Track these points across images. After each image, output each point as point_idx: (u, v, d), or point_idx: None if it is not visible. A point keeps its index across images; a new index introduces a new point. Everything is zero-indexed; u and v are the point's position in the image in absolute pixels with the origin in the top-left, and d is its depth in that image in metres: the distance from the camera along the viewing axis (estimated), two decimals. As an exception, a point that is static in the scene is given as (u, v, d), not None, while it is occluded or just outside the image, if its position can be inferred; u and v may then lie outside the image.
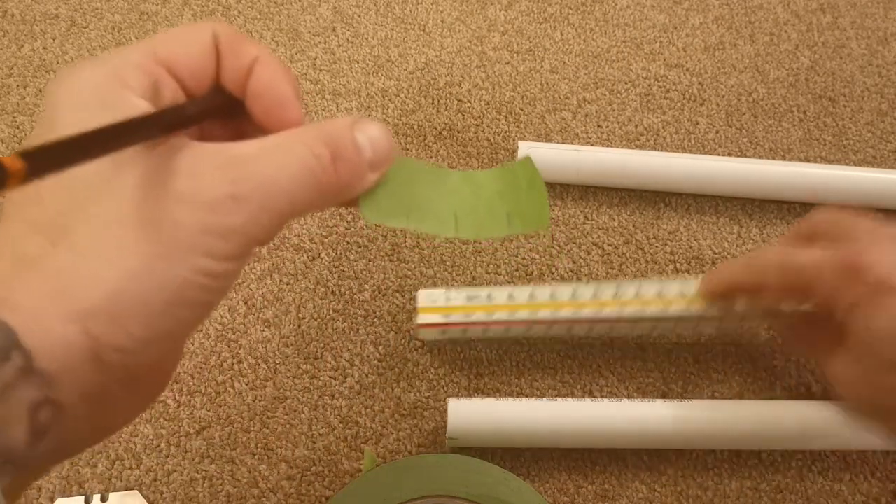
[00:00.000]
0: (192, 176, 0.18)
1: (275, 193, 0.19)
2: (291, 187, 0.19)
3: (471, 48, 0.53)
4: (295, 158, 0.19)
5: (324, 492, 0.37)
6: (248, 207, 0.19)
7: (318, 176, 0.20)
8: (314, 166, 0.19)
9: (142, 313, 0.18)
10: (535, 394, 0.40)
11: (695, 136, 0.50)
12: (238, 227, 0.19)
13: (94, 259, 0.18)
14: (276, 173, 0.19)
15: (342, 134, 0.20)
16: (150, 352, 0.19)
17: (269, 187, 0.19)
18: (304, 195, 0.20)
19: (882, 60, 0.54)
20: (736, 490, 0.38)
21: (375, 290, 0.43)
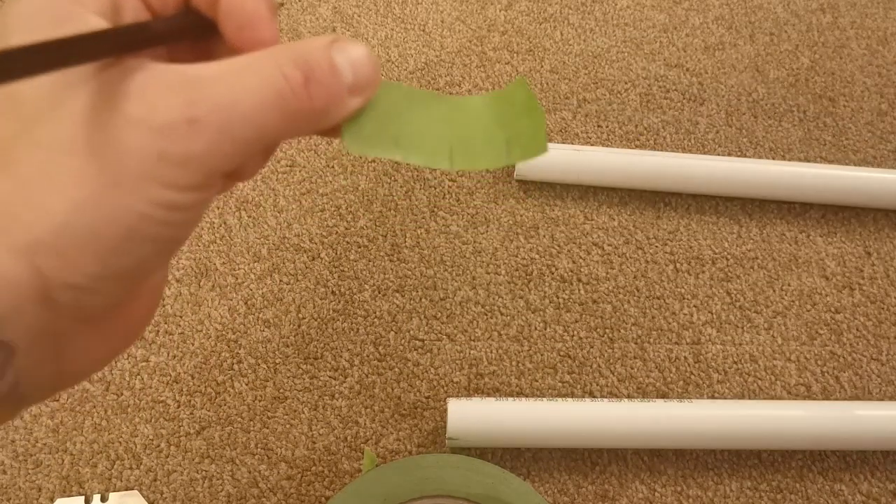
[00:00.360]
0: (145, 98, 0.17)
1: (237, 118, 0.17)
2: (256, 112, 0.17)
3: (471, 48, 0.53)
4: (261, 80, 0.17)
5: (324, 492, 0.37)
6: (207, 133, 0.17)
7: (287, 100, 0.17)
8: (283, 89, 0.17)
9: (93, 248, 0.17)
10: (535, 394, 0.40)
11: (695, 136, 0.50)
12: (196, 154, 0.17)
13: (39, 188, 0.16)
14: (239, 95, 0.17)
15: (318, 54, 0.18)
16: (107, 290, 0.17)
17: (231, 111, 0.17)
18: (272, 121, 0.17)
19: (882, 60, 0.54)
20: (736, 490, 0.38)
21: (375, 290, 0.43)
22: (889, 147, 0.50)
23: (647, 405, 0.37)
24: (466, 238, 0.45)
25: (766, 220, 0.47)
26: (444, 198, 0.46)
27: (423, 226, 0.45)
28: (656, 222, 0.46)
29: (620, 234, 0.45)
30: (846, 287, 0.44)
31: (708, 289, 0.44)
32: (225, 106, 0.17)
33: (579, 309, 0.43)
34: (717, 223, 0.46)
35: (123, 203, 0.17)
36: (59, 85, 0.17)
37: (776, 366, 0.42)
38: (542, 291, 0.43)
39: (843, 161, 0.49)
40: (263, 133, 0.18)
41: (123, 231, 0.17)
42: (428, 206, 0.46)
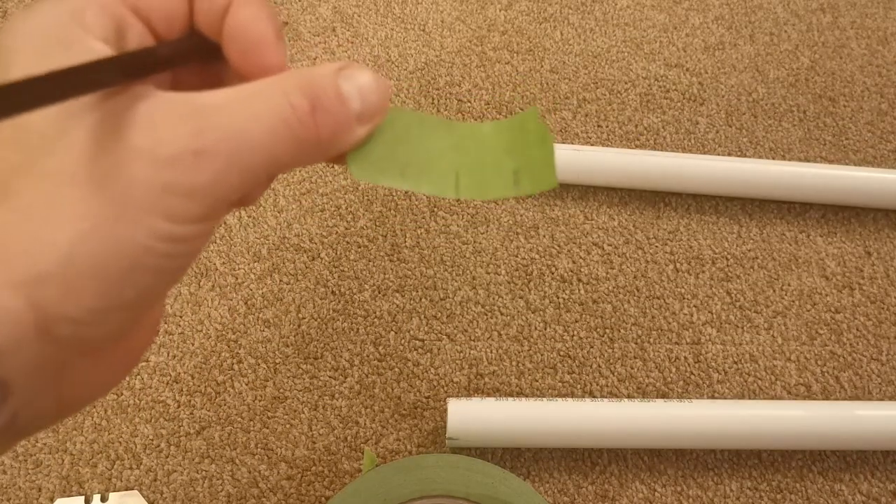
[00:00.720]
0: (150, 127, 0.16)
1: (245, 148, 0.17)
2: (264, 141, 0.17)
3: (471, 48, 0.53)
4: (268, 108, 0.17)
5: (324, 492, 0.37)
6: (214, 164, 0.16)
7: (294, 129, 0.17)
8: (290, 118, 0.17)
9: (95, 281, 0.16)
10: (535, 394, 0.40)
11: (695, 136, 0.50)
12: (203, 185, 0.16)
13: (40, 221, 0.16)
14: (246, 125, 0.17)
15: (325, 82, 0.18)
16: (108, 323, 0.17)
17: (238, 141, 0.17)
18: (279, 150, 0.17)
19: (882, 60, 0.54)
20: (736, 490, 0.38)
21: (375, 290, 0.43)
22: (889, 147, 0.50)
23: (647, 405, 0.37)
24: (466, 238, 0.45)
25: (766, 220, 0.47)
26: (444, 198, 0.46)
27: (423, 226, 0.45)
28: (656, 222, 0.46)
29: (620, 234, 0.45)
30: (846, 287, 0.44)
31: (708, 289, 0.44)
32: (232, 136, 0.17)
33: (579, 309, 0.43)
34: (717, 223, 0.46)
35: (127, 235, 0.16)
36: (63, 114, 0.16)
37: (776, 366, 0.42)
38: (542, 291, 0.43)
39: (843, 161, 0.49)
40: (270, 162, 0.17)
41: (127, 263, 0.16)
42: (428, 206, 0.46)
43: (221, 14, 0.19)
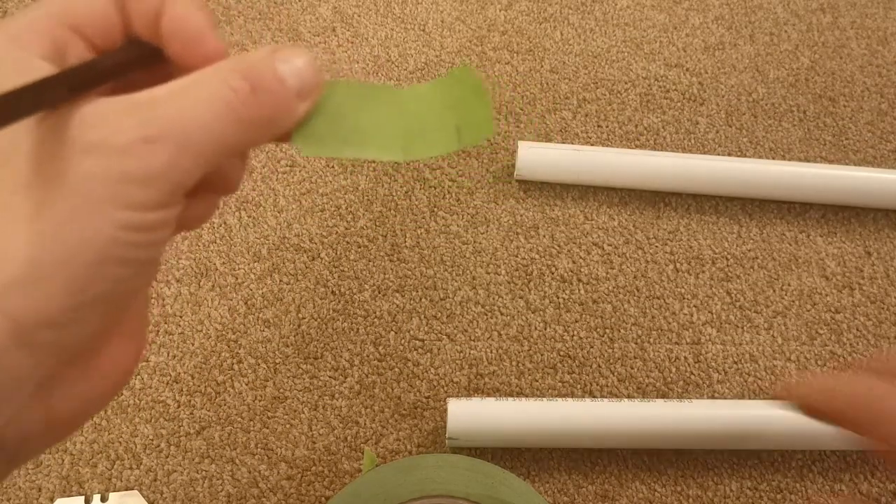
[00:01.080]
0: (98, 125, 0.17)
1: (192, 131, 0.17)
2: (210, 123, 0.17)
3: (471, 48, 0.53)
4: (210, 93, 0.18)
5: (324, 492, 0.37)
6: (165, 149, 0.17)
7: (237, 110, 0.18)
8: (232, 99, 0.18)
9: (63, 279, 0.16)
10: (535, 394, 0.40)
11: (695, 136, 0.50)
12: (157, 171, 0.17)
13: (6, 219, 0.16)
14: (191, 110, 0.17)
15: (261, 64, 0.19)
16: (85, 322, 0.17)
17: (185, 125, 0.17)
18: (227, 131, 0.18)
19: (882, 60, 0.54)
20: (736, 490, 0.38)
21: (375, 290, 0.43)
22: (889, 147, 0.50)
23: (646, 405, 0.37)
24: (466, 238, 0.45)
25: (766, 220, 0.47)
26: (444, 198, 0.46)
27: (423, 226, 0.45)
28: (656, 222, 0.46)
29: (620, 234, 0.45)
30: (846, 287, 0.44)
31: (708, 289, 0.44)
32: (178, 121, 0.17)
33: (579, 309, 0.43)
34: (717, 223, 0.46)
35: (90, 227, 0.16)
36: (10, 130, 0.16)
37: (776, 366, 0.42)
38: (542, 291, 0.43)
39: (843, 161, 0.49)
40: (220, 144, 0.18)
41: (93, 257, 0.16)
42: (428, 206, 0.46)
43: (155, 16, 0.19)
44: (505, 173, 0.47)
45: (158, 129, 0.17)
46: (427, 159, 0.48)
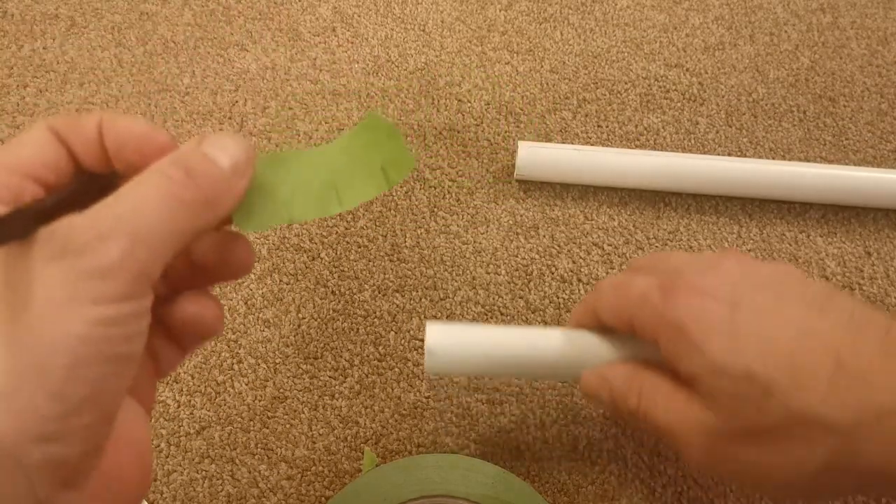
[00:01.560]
0: (57, 235, 0.17)
1: (142, 223, 0.18)
2: (156, 212, 0.18)
3: (471, 48, 0.53)
4: (151, 185, 0.19)
5: (324, 492, 0.37)
6: (119, 242, 0.17)
7: (178, 195, 0.19)
8: (171, 187, 0.19)
9: (42, 386, 0.16)
10: (535, 394, 0.40)
11: (695, 136, 0.50)
12: (115, 262, 0.17)
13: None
14: (137, 205, 0.18)
15: (190, 152, 0.20)
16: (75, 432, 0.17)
17: (133, 218, 0.18)
18: (175, 217, 0.19)
19: (882, 60, 0.54)
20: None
21: (375, 290, 0.43)
22: (889, 147, 0.50)
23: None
24: (466, 238, 0.45)
25: (766, 220, 0.47)
26: (444, 198, 0.46)
27: (423, 226, 0.45)
28: (656, 222, 0.46)
29: (620, 234, 0.45)
30: (846, 287, 0.44)
31: (708, 289, 0.44)
32: (127, 215, 0.18)
33: (579, 309, 0.43)
34: (717, 223, 0.46)
35: (60, 329, 0.17)
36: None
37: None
38: (542, 291, 0.43)
39: (843, 161, 0.49)
40: (171, 230, 0.19)
41: (68, 358, 0.17)
42: (428, 206, 0.46)
43: (98, 142, 0.21)
44: (505, 173, 0.47)
45: (109, 225, 0.18)
46: (427, 162, 0.48)
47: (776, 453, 0.25)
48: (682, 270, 0.28)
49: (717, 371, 0.25)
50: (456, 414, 0.39)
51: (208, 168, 0.20)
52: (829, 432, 0.23)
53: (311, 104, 0.50)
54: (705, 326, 0.26)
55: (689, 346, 0.26)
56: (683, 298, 0.27)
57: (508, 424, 0.39)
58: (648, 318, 0.28)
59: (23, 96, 0.49)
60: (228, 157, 0.20)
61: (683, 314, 0.26)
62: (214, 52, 0.52)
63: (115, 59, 0.52)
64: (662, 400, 0.27)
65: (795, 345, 0.25)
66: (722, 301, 0.26)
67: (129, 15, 0.54)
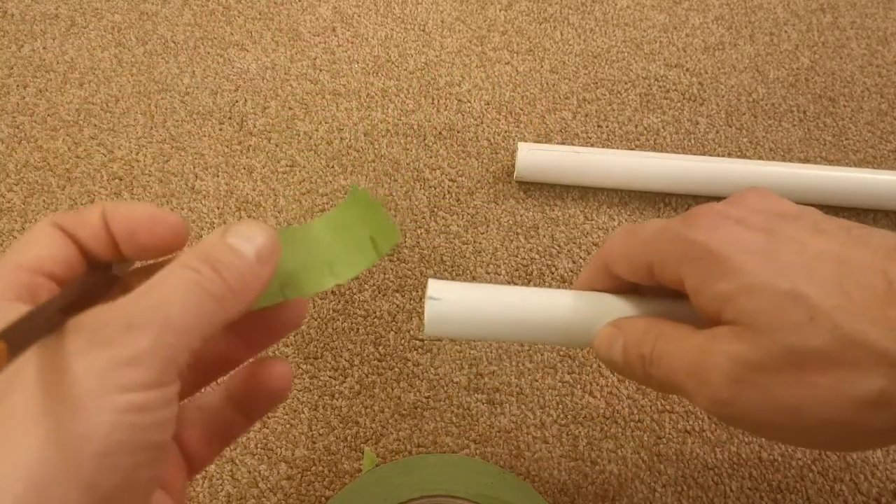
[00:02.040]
0: (86, 327, 0.18)
1: (173, 313, 0.18)
2: (185, 305, 0.19)
3: (471, 48, 0.53)
4: (179, 280, 0.19)
5: (324, 492, 0.37)
6: (149, 330, 0.18)
7: (207, 288, 0.19)
8: (199, 280, 0.19)
9: (74, 476, 0.17)
10: (535, 394, 0.40)
11: (695, 136, 0.50)
12: (145, 350, 0.18)
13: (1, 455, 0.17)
14: (165, 297, 0.19)
15: (214, 244, 0.20)
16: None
17: (165, 308, 0.18)
18: (203, 310, 0.19)
19: (882, 60, 0.54)
20: (736, 490, 0.38)
21: (375, 290, 0.43)
22: (889, 147, 0.50)
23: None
24: (466, 238, 0.45)
25: (766, 220, 0.47)
26: (444, 198, 0.46)
27: (423, 226, 0.45)
28: (656, 222, 0.46)
29: (620, 234, 0.45)
30: (846, 287, 0.44)
31: (708, 289, 0.44)
32: (156, 307, 0.18)
33: (579, 309, 0.43)
34: (717, 223, 0.46)
35: (91, 421, 0.17)
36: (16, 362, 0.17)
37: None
38: (542, 291, 0.43)
39: (843, 161, 0.49)
40: (200, 322, 0.19)
41: (101, 448, 0.17)
42: (428, 206, 0.46)
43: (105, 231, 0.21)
44: (505, 173, 0.47)
45: (139, 315, 0.18)
46: (427, 162, 0.48)
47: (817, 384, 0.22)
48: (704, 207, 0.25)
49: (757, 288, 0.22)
50: (456, 414, 0.39)
51: (234, 261, 0.20)
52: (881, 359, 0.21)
53: (311, 104, 0.50)
54: (740, 249, 0.23)
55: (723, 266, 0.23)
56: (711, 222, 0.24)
57: (508, 424, 0.39)
58: (671, 251, 0.24)
59: (23, 96, 0.49)
60: (254, 247, 0.21)
61: (714, 239, 0.23)
62: (214, 52, 0.52)
63: (115, 59, 0.52)
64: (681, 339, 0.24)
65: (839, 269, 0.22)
66: (754, 228, 0.24)
67: (129, 15, 0.54)
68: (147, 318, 0.18)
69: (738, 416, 0.23)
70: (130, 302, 0.19)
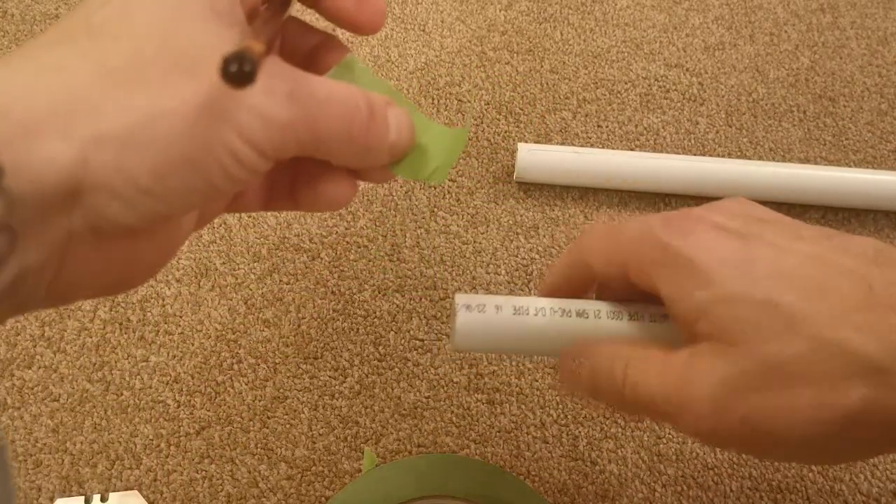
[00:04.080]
0: (266, 70, 0.19)
1: (321, 112, 0.20)
2: (334, 115, 0.20)
3: (471, 48, 0.53)
4: (346, 96, 0.21)
5: (324, 492, 0.37)
6: (296, 110, 0.19)
7: (353, 118, 0.21)
8: (356, 111, 0.21)
9: (154, 160, 0.17)
10: (535, 394, 0.40)
11: (695, 136, 0.50)
12: (280, 119, 0.19)
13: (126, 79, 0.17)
14: (329, 96, 0.20)
15: (380, 104, 0.22)
16: (137, 208, 0.18)
17: (319, 102, 0.20)
18: (339, 128, 0.21)
19: (882, 60, 0.54)
20: (736, 490, 0.38)
21: (375, 290, 0.43)
22: (889, 147, 0.50)
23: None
24: (466, 238, 0.45)
25: (766, 220, 0.47)
26: (444, 198, 0.46)
27: (423, 226, 0.45)
28: (656, 222, 0.46)
29: (620, 234, 0.45)
30: (846, 287, 0.44)
31: (708, 289, 0.44)
32: (317, 98, 0.20)
33: (579, 309, 0.43)
34: (717, 223, 0.46)
35: (204, 134, 0.18)
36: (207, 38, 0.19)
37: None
38: (542, 291, 0.43)
39: (843, 161, 0.49)
40: (329, 135, 0.21)
41: (193, 156, 0.18)
42: (428, 206, 0.46)
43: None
44: (505, 173, 0.47)
45: (302, 93, 0.20)
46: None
47: (800, 399, 0.21)
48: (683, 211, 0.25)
49: (732, 299, 0.22)
50: (456, 414, 0.39)
51: (381, 127, 0.22)
52: (864, 366, 0.20)
53: (311, 104, 0.50)
54: (716, 256, 0.22)
55: (698, 276, 0.22)
56: (689, 227, 0.24)
57: (508, 424, 0.39)
58: (647, 254, 0.24)
59: (23, 96, 0.49)
60: (397, 132, 0.23)
61: (691, 245, 0.23)
62: (214, 52, 0.52)
63: (115, 59, 0.52)
64: (655, 365, 0.23)
65: (818, 275, 0.21)
66: (733, 233, 0.23)
67: (129, 15, 0.54)
68: (305, 100, 0.20)
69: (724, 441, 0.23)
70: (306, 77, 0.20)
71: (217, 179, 0.19)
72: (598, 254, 0.26)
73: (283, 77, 0.20)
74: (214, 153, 0.18)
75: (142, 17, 0.19)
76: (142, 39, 0.18)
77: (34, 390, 0.39)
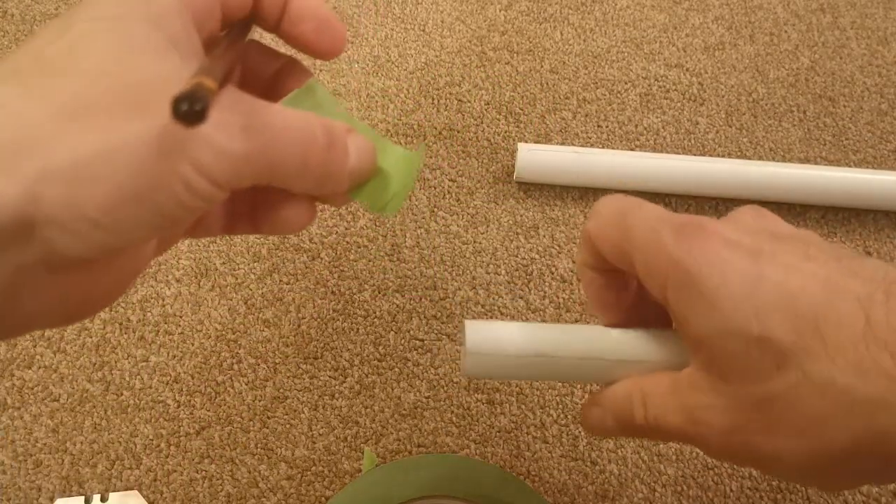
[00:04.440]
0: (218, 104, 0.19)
1: (277, 142, 0.20)
2: (290, 144, 0.20)
3: (471, 48, 0.53)
4: (303, 125, 0.21)
5: (324, 492, 0.37)
6: (251, 142, 0.19)
7: (309, 148, 0.21)
8: (311, 140, 0.21)
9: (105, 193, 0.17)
10: (535, 394, 0.40)
11: (695, 136, 0.50)
12: (234, 153, 0.19)
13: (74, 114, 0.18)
14: (285, 125, 0.20)
15: (340, 132, 0.22)
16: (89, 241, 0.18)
17: (275, 132, 0.20)
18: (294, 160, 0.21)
19: (882, 60, 0.54)
20: (736, 490, 0.38)
21: (375, 290, 0.43)
22: (889, 147, 0.50)
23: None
24: (466, 238, 0.45)
25: (766, 220, 0.47)
26: (444, 198, 0.46)
27: (423, 226, 0.45)
28: (656, 222, 0.46)
29: (620, 234, 0.45)
30: (846, 287, 0.44)
31: (708, 289, 0.44)
32: (273, 128, 0.20)
33: (579, 309, 0.43)
34: (717, 223, 0.46)
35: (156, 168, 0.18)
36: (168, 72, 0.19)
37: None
38: (542, 291, 0.43)
39: (843, 161, 0.49)
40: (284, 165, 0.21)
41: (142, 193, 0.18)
42: (428, 206, 0.46)
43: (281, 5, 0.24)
44: (505, 173, 0.47)
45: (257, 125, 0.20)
46: (428, 162, 0.48)
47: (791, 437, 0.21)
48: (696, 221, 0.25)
49: (729, 334, 0.22)
50: (456, 414, 0.39)
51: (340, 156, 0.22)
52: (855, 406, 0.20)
53: (311, 104, 0.50)
54: (722, 277, 0.23)
55: (700, 299, 0.23)
56: (699, 242, 0.23)
57: (508, 424, 0.39)
58: (655, 260, 0.24)
59: (23, 96, 0.49)
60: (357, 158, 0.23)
61: (699, 260, 0.23)
62: (214, 52, 0.52)
63: (115, 59, 0.52)
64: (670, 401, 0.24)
65: (821, 302, 0.21)
66: (743, 249, 0.23)
67: (129, 15, 0.54)
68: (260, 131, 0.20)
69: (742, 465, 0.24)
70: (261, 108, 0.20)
71: (171, 210, 0.19)
72: (606, 243, 0.26)
73: (237, 109, 0.19)
74: (167, 186, 0.18)
75: (95, 52, 0.19)
76: (93, 74, 0.18)
77: (34, 390, 0.39)
